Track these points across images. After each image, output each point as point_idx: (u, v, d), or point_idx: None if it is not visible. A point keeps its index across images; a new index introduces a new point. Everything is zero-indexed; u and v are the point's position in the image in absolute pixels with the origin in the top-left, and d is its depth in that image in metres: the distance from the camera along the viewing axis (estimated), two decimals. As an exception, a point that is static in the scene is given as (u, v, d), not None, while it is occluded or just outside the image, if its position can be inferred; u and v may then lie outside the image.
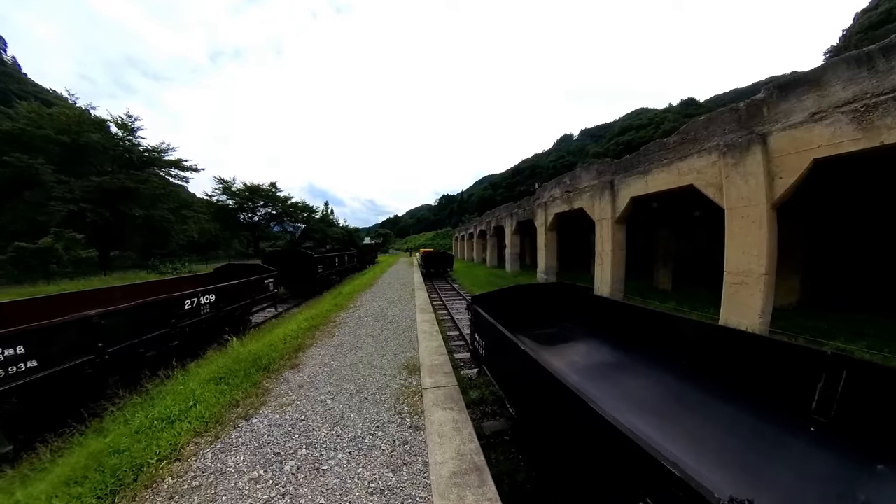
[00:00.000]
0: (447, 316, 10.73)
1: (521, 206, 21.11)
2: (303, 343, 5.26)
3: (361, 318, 7.07)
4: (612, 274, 13.25)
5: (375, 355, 4.77)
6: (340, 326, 6.39)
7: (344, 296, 9.90)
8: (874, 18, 59.34)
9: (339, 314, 7.41)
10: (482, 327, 4.15)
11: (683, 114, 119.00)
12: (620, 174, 13.14)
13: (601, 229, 13.68)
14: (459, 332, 8.91)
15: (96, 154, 22.55)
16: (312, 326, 6.22)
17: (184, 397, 3.52)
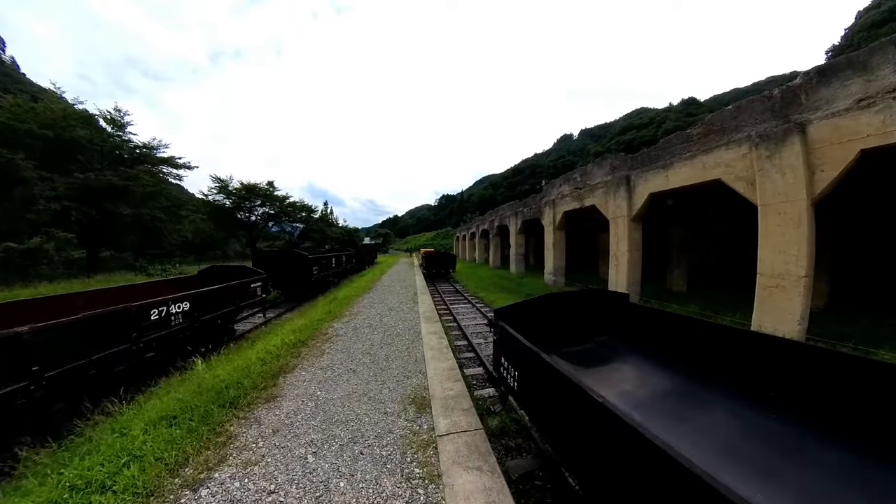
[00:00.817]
0: (452, 322, 9.81)
1: (527, 204, 20.21)
2: (285, 365, 4.35)
3: (358, 329, 6.17)
4: (627, 276, 12.37)
5: (373, 382, 3.86)
6: (332, 340, 5.49)
7: (339, 301, 8.99)
8: (876, 17, 59.06)
9: (332, 324, 6.51)
10: (513, 351, 3.25)
11: (685, 113, 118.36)
12: (637, 169, 12.26)
13: (616, 228, 12.79)
14: (468, 341, 8.01)
15: (83, 150, 21.58)
16: (299, 341, 5.32)
17: (118, 449, 2.62)
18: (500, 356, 3.58)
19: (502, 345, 3.56)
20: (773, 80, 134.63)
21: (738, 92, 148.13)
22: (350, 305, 8.49)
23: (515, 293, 14.68)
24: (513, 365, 3.29)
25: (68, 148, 20.86)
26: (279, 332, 6.18)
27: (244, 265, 9.94)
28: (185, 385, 3.69)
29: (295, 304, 13.09)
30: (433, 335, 5.43)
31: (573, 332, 4.92)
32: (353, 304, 8.64)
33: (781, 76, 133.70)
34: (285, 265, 12.81)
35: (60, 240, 23.86)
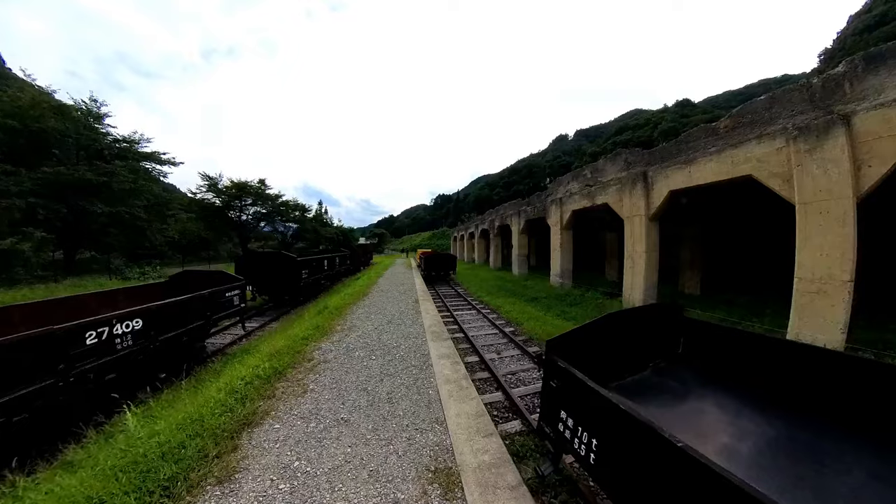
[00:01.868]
0: (459, 333, 8.75)
1: (531, 202, 19.21)
2: (251, 412, 3.25)
3: (351, 351, 5.07)
4: (645, 279, 11.44)
5: (374, 441, 2.78)
6: (318, 370, 4.39)
7: (330, 312, 7.88)
8: (868, 21, 59.98)
9: (319, 344, 5.41)
10: (590, 410, 2.21)
11: (680, 114, 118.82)
12: (656, 165, 11.33)
13: (632, 228, 11.85)
14: (479, 356, 6.95)
15: (57, 143, 20.05)
16: (275, 371, 4.21)
17: None
18: (560, 409, 2.53)
19: (564, 395, 2.51)
20: (765, 83, 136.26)
21: (730, 94, 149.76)
22: (342, 317, 7.38)
23: (521, 296, 13.68)
24: (586, 426, 2.25)
25: (39, 140, 19.32)
26: (253, 357, 5.04)
27: (220, 270, 8.77)
28: (106, 452, 2.57)
29: (283, 311, 11.91)
30: (446, 360, 4.37)
31: (626, 357, 3.91)
32: (345, 315, 7.53)
33: (773, 79, 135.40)
34: (271, 268, 11.62)
35: (37, 240, 22.31)
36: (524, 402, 5.35)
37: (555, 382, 2.54)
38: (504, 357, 7.03)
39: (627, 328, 3.81)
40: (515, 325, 9.61)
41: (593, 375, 2.46)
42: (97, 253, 28.85)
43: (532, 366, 6.79)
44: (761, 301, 12.64)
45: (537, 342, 8.30)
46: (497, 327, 9.14)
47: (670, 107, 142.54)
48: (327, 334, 5.98)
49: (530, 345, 8.14)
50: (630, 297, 11.72)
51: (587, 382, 2.22)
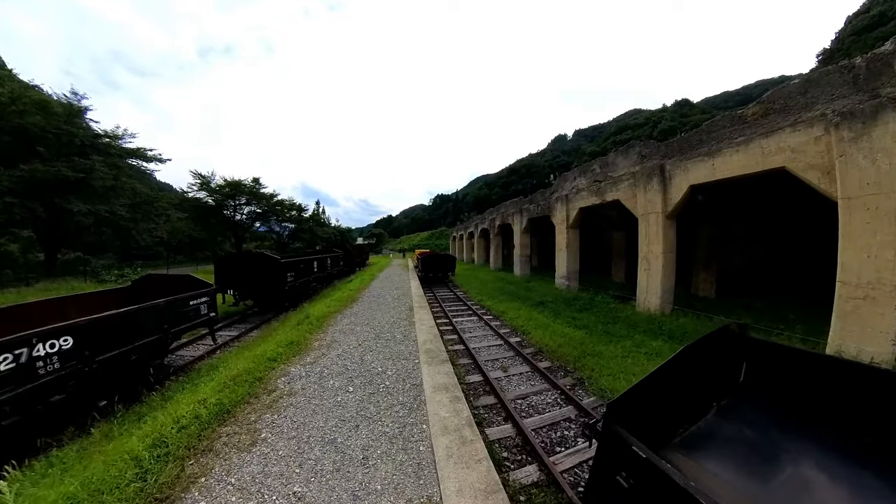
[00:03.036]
0: (459, 345, 7.76)
1: (534, 200, 18.24)
2: (170, 481, 2.27)
3: (323, 378, 4.07)
4: (662, 281, 10.48)
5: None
6: (278, 406, 3.40)
7: (311, 322, 6.89)
8: (866, 21, 59.92)
9: (288, 367, 4.42)
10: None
11: (679, 113, 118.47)
12: (674, 157, 10.38)
13: (647, 226, 10.88)
14: (483, 375, 5.98)
15: (38, 139, 18.96)
16: (222, 410, 3.23)
17: None
18: None
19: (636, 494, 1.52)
20: (762, 83, 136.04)
21: (727, 94, 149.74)
22: (323, 329, 6.39)
23: (525, 300, 12.71)
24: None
25: (20, 137, 18.26)
26: (206, 384, 4.05)
27: (187, 275, 7.76)
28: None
29: (266, 319, 10.90)
30: (443, 394, 3.38)
31: (686, 398, 2.91)
32: (327, 327, 6.54)
33: (770, 80, 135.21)
34: (253, 271, 10.61)
35: (24, 241, 21.29)
36: (540, 437, 4.37)
37: (626, 479, 1.54)
38: (512, 376, 6.06)
39: (688, 365, 2.83)
40: (521, 334, 8.64)
41: (651, 433, 1.52)
42: (83, 253, 27.87)
43: (545, 387, 5.82)
44: (780, 305, 11.72)
45: (548, 355, 7.33)
46: (501, 337, 8.17)
47: (669, 106, 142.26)
48: (301, 353, 4.99)
49: (540, 358, 7.16)
50: (645, 301, 10.77)
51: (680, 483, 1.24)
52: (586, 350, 7.35)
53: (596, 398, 5.63)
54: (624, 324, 9.70)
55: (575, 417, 4.97)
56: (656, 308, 10.49)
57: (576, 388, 6.00)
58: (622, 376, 6.20)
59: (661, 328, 9.17)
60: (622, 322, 9.88)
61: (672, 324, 9.37)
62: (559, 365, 6.82)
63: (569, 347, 7.49)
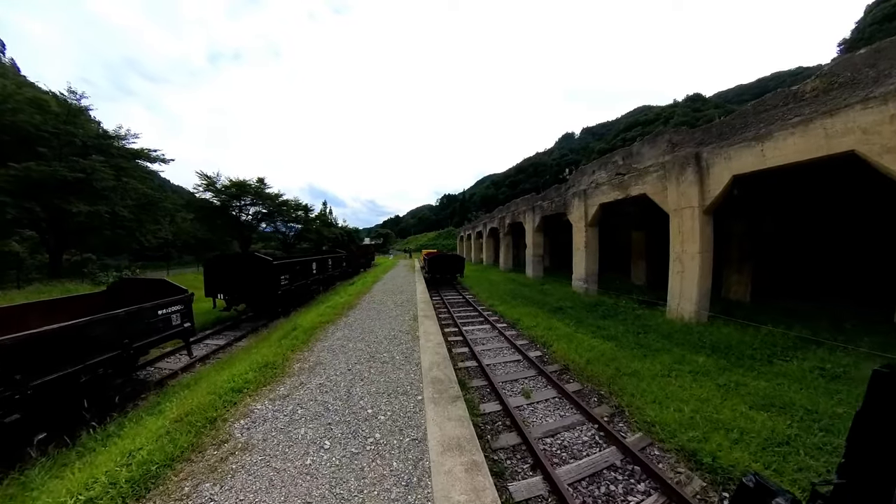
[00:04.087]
0: (471, 361, 6.73)
1: (548, 197, 17.07)
2: None
3: (293, 424, 3.02)
4: (698, 285, 9.30)
5: None
6: (222, 469, 2.41)
7: (298, 335, 5.94)
8: (888, 10, 56.87)
9: (253, 403, 3.42)
10: None
11: (692, 108, 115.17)
12: (712, 144, 9.18)
13: (680, 223, 9.69)
14: (502, 403, 4.95)
15: (34, 138, 18.54)
16: (146, 474, 2.27)
17: None
18: None
19: None
20: (778, 76, 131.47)
21: (741, 88, 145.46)
22: (310, 344, 5.41)
23: (541, 305, 11.58)
24: None
25: (13, 135, 17.84)
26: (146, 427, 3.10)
27: (162, 279, 6.89)
28: None
29: (259, 325, 10.03)
30: (456, 456, 2.33)
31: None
32: (315, 341, 5.56)
33: (787, 72, 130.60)
34: (243, 273, 9.73)
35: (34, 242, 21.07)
36: (580, 497, 3.31)
37: None
38: (536, 403, 5.00)
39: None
40: (541, 346, 7.56)
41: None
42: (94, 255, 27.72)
43: (578, 419, 4.74)
44: (829, 310, 10.37)
45: (575, 373, 6.23)
46: (519, 350, 7.10)
47: (680, 102, 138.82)
48: (275, 381, 4.02)
49: (567, 379, 6.07)
50: (678, 307, 9.57)
51: None
52: (620, 368, 6.24)
53: (642, 434, 4.53)
54: (656, 334, 8.54)
55: (621, 464, 3.89)
56: (691, 315, 9.29)
57: (615, 419, 4.91)
58: (670, 403, 5.10)
59: (700, 340, 7.99)
60: (654, 332, 8.71)
61: (713, 334, 8.18)
62: (591, 387, 5.73)
63: (599, 364, 6.39)
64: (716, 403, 5.22)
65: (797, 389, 5.64)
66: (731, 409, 5.04)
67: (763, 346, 7.57)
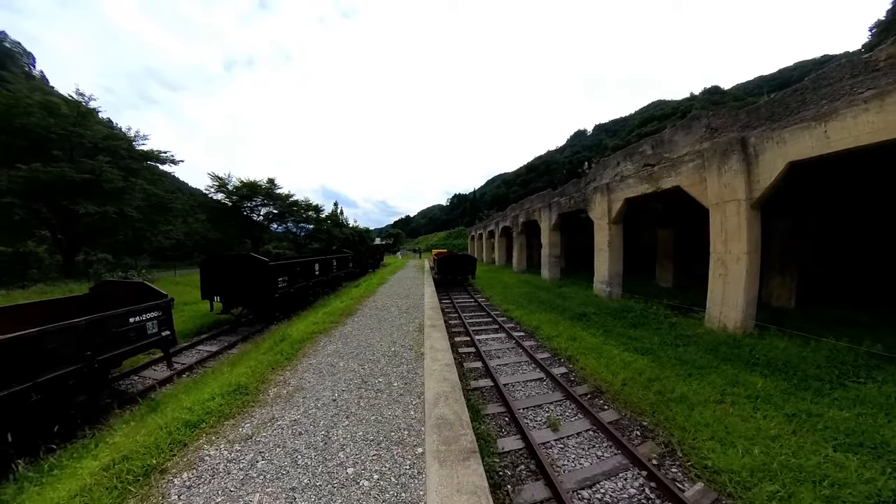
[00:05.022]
0: (485, 379, 5.81)
1: (565, 192, 15.95)
2: None
3: (245, 488, 2.23)
4: (745, 291, 8.15)
5: None
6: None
7: (285, 348, 5.14)
8: None
9: (203, 447, 2.63)
10: None
11: (710, 101, 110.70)
12: (761, 126, 8.00)
13: (722, 219, 8.54)
14: (524, 439, 4.03)
15: (44, 140, 18.58)
16: None
17: None
18: None
19: None
20: (802, 65, 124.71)
21: (762, 80, 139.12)
22: (294, 362, 4.59)
23: (561, 311, 10.55)
24: None
25: (23, 138, 17.90)
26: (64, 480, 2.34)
27: (142, 283, 6.22)
28: None
29: (257, 329, 9.36)
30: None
31: None
32: (302, 357, 4.75)
33: (811, 61, 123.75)
34: (239, 275, 9.07)
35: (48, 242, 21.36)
36: None
37: None
38: (566, 438, 4.06)
39: None
40: (566, 360, 6.58)
41: None
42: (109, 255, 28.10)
43: (620, 461, 3.78)
44: (890, 321, 8.99)
45: (610, 396, 5.24)
46: (541, 366, 6.13)
47: (698, 95, 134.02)
48: (242, 412, 3.21)
49: (601, 404, 5.08)
50: (720, 315, 8.41)
51: None
52: (663, 391, 5.23)
53: (704, 486, 3.55)
54: (698, 347, 7.43)
55: (687, 537, 2.92)
56: (736, 325, 8.13)
57: (666, 462, 3.92)
58: (733, 441, 4.10)
59: (752, 355, 6.85)
60: (694, 344, 7.61)
61: (766, 349, 7.04)
62: (630, 416, 4.74)
63: (637, 386, 5.39)
64: (790, 442, 4.18)
65: (885, 422, 4.52)
66: (811, 452, 4.00)
67: (828, 364, 6.40)
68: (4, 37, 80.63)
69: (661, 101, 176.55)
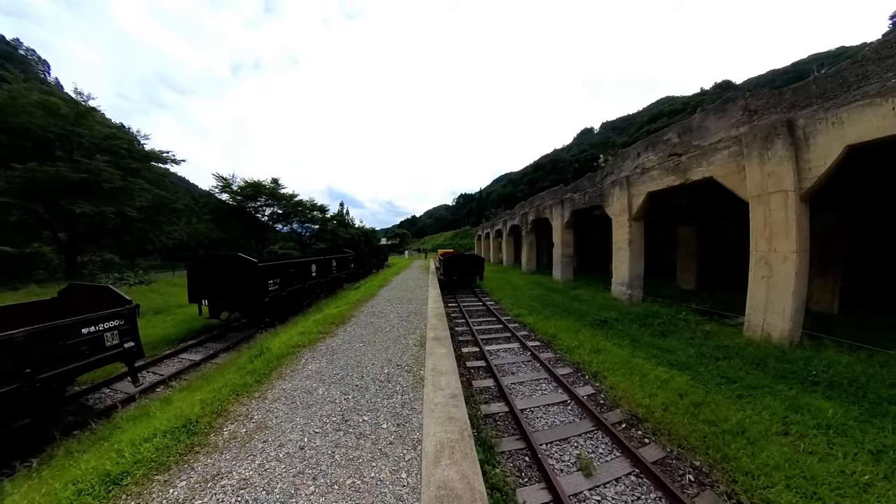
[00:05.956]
0: (499, 403, 4.95)
1: (579, 187, 14.95)
2: None
3: None
4: (794, 295, 7.13)
5: None
6: None
7: (257, 366, 4.33)
8: None
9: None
10: None
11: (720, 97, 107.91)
12: (811, 105, 6.99)
13: (766, 213, 7.54)
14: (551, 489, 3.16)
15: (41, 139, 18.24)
16: None
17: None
18: None
19: None
20: (817, 57, 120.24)
21: (774, 73, 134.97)
22: (265, 386, 3.73)
23: (578, 317, 9.60)
24: None
25: (21, 137, 17.58)
26: None
27: (107, 287, 5.51)
28: None
29: (247, 335, 8.62)
30: None
31: None
32: (276, 380, 3.90)
33: (826, 53, 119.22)
34: (226, 276, 8.34)
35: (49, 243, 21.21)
36: None
37: None
38: (604, 487, 3.17)
39: None
40: (592, 377, 5.67)
41: None
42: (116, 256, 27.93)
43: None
44: None
45: (650, 426, 4.33)
46: (564, 386, 5.22)
47: (708, 90, 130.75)
48: (180, 462, 2.38)
49: (641, 437, 4.17)
50: (764, 323, 7.40)
51: None
52: (714, 419, 4.30)
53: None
54: (742, 361, 6.45)
55: None
56: (782, 334, 7.13)
57: (739, 526, 3.00)
58: (818, 492, 3.20)
59: (808, 371, 5.86)
60: (737, 357, 6.62)
61: (823, 363, 6.04)
62: (679, 453, 3.84)
63: (680, 412, 4.47)
64: (888, 493, 3.25)
65: None
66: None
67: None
68: (19, 44, 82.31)
69: (669, 97, 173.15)
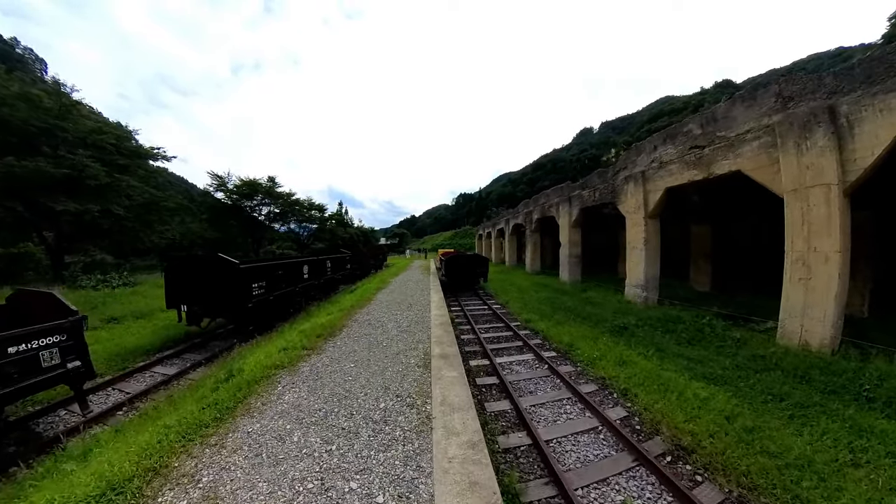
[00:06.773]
0: (519, 433, 4.21)
1: (589, 184, 14.22)
2: None
3: None
4: (836, 300, 6.44)
5: None
6: None
7: (221, 395, 3.49)
8: None
9: None
10: None
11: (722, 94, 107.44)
12: (856, 91, 6.30)
13: (804, 208, 6.85)
14: None
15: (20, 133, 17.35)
16: None
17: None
18: None
19: None
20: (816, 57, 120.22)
21: (774, 73, 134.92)
22: (228, 425, 2.81)
23: (593, 322, 8.88)
24: None
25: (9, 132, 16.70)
26: None
27: (51, 294, 4.72)
28: None
29: (230, 344, 7.84)
30: None
31: None
32: (241, 417, 2.96)
33: (826, 53, 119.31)
34: (205, 279, 7.55)
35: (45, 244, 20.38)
36: None
37: None
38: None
39: None
40: (620, 396, 4.93)
41: None
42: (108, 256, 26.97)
43: None
44: None
45: (700, 459, 3.60)
46: (592, 408, 4.48)
47: (709, 88, 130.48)
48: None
49: (692, 473, 3.44)
50: (802, 330, 6.70)
51: None
52: (774, 450, 3.59)
53: None
54: (783, 374, 5.75)
55: None
56: (823, 342, 6.44)
57: None
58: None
59: (858, 384, 5.17)
60: (777, 369, 5.91)
61: (874, 376, 5.34)
62: (741, 495, 3.13)
63: (731, 440, 3.76)
64: None
65: None
66: None
67: (971, 399, 4.72)
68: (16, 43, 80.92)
69: (669, 96, 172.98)
